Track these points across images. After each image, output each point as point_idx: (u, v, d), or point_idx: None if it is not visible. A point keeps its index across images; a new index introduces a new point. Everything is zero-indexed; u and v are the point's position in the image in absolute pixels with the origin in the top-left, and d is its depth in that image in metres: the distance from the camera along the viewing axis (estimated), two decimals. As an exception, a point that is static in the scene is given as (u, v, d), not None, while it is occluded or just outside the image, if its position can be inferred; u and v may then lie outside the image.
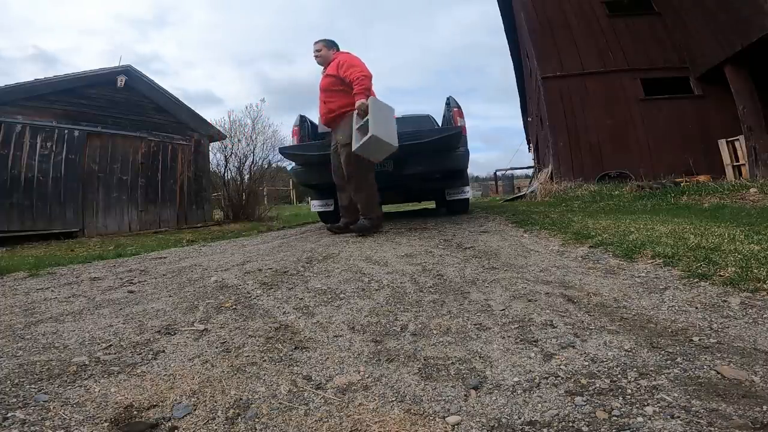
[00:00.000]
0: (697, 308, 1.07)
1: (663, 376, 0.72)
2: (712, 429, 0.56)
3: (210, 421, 0.66)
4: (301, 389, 0.76)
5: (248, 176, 8.85)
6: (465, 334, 0.99)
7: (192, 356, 0.93)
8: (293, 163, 4.17)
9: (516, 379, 0.75)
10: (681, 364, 0.76)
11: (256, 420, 0.66)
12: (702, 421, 0.58)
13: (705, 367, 0.75)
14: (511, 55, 14.14)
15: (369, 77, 2.95)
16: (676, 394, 0.66)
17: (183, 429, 0.65)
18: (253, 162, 8.91)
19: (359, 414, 0.67)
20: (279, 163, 9.87)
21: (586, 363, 0.79)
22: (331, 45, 3.23)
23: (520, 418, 0.63)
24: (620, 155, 7.64)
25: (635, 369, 0.75)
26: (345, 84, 2.98)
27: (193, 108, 8.11)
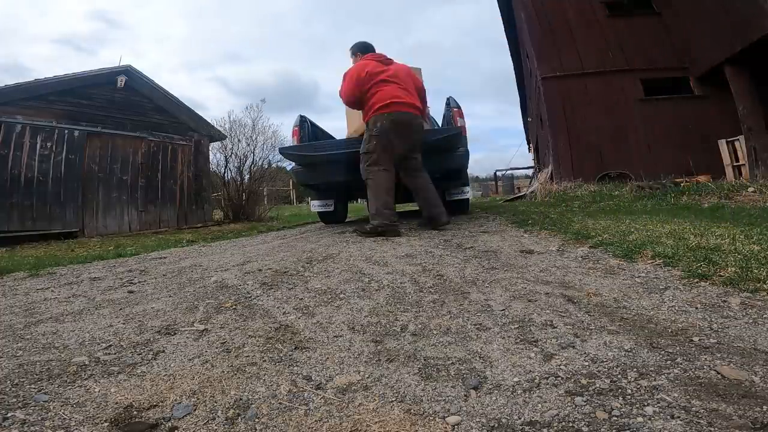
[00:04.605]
0: (697, 308, 1.07)
1: (663, 376, 0.72)
2: (712, 429, 0.56)
3: (210, 421, 0.66)
4: (301, 389, 0.76)
5: (248, 176, 8.86)
6: (465, 334, 0.99)
7: (192, 356, 0.93)
8: (293, 163, 4.18)
9: (516, 379, 0.75)
10: (681, 364, 0.76)
11: (256, 420, 0.66)
12: (702, 422, 0.58)
13: (705, 367, 0.75)
14: (511, 55, 14.14)
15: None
16: (676, 395, 0.66)
17: (183, 429, 0.65)
18: (253, 162, 8.92)
19: (359, 414, 0.67)
20: (279, 163, 9.88)
21: (586, 363, 0.79)
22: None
23: (520, 419, 0.63)
24: (620, 155, 7.65)
25: (635, 369, 0.75)
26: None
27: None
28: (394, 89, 2.99)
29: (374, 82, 3.00)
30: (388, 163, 2.97)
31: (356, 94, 3.06)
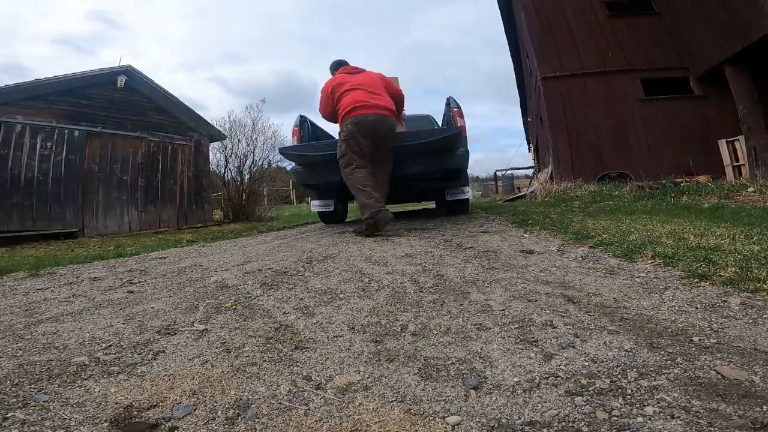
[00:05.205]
0: (697, 308, 1.07)
1: (663, 376, 0.72)
2: (712, 429, 0.56)
3: (210, 421, 0.66)
4: (301, 389, 0.76)
5: (248, 176, 8.86)
6: (465, 334, 0.99)
7: (192, 356, 0.93)
8: (293, 163, 4.17)
9: (516, 379, 0.75)
10: (681, 364, 0.76)
11: (256, 420, 0.66)
12: (702, 421, 0.58)
13: (705, 367, 0.75)
14: (511, 55, 14.14)
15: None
16: (676, 395, 0.66)
17: (183, 429, 0.65)
18: (253, 162, 8.92)
19: (359, 414, 0.67)
20: (279, 163, 9.88)
21: (586, 363, 0.79)
22: None
23: (520, 419, 0.63)
24: (620, 155, 7.65)
25: (635, 369, 0.75)
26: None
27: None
28: (357, 95, 3.22)
29: (340, 93, 3.27)
30: (361, 160, 3.13)
31: (329, 109, 3.37)
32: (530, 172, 17.94)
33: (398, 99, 3.53)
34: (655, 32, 7.98)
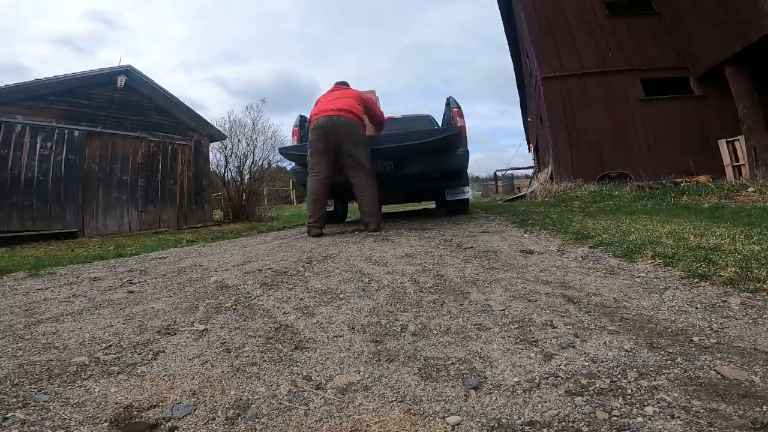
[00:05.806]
0: (697, 308, 1.07)
1: (663, 376, 0.72)
2: (712, 429, 0.56)
3: (210, 421, 0.66)
4: (301, 389, 0.76)
5: (248, 176, 8.86)
6: (465, 334, 0.99)
7: (192, 356, 0.93)
8: (293, 163, 4.17)
9: (516, 379, 0.75)
10: (681, 364, 0.76)
11: (256, 420, 0.66)
12: (702, 421, 0.58)
13: (705, 367, 0.75)
14: (511, 55, 14.14)
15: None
16: (676, 394, 0.66)
17: (183, 429, 0.65)
18: (253, 162, 8.92)
19: (359, 414, 0.67)
20: (279, 163, 9.88)
21: (586, 363, 0.79)
22: None
23: (520, 419, 0.63)
24: (620, 155, 7.64)
25: (635, 369, 0.75)
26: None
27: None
28: (318, 106, 3.46)
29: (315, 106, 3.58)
30: (321, 166, 3.29)
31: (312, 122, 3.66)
32: (530, 172, 17.94)
33: (377, 120, 3.78)
34: (655, 32, 7.98)
